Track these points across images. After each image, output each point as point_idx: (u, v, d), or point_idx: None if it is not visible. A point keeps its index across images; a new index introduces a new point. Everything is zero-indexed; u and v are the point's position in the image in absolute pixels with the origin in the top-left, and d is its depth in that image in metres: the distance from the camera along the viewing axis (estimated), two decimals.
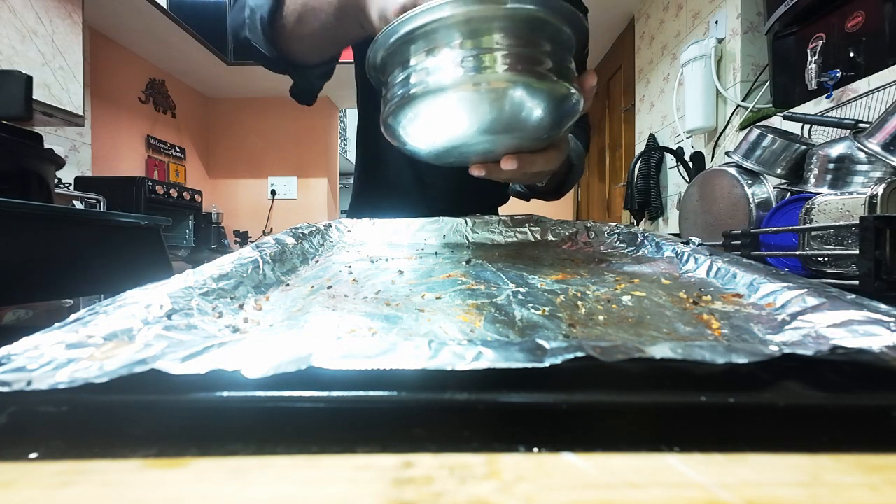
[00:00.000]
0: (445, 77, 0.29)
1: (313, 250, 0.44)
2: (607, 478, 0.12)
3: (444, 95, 0.29)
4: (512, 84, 0.29)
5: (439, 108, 0.30)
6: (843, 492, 0.12)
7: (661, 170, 2.04)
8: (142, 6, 2.13)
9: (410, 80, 0.31)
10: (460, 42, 0.29)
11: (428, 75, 0.30)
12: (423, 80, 0.30)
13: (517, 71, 0.29)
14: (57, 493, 0.12)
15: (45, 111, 1.59)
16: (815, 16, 1.15)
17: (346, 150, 4.33)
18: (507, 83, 0.29)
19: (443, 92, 0.29)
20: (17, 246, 0.61)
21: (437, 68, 0.29)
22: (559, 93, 0.30)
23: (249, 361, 0.14)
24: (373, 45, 0.32)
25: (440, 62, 0.29)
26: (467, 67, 0.29)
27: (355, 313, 0.26)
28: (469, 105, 0.30)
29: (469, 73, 0.29)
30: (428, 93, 0.30)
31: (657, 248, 0.41)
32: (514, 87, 0.29)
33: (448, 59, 0.29)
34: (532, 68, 0.29)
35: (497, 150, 0.34)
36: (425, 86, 0.30)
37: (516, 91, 0.29)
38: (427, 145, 0.34)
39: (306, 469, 0.13)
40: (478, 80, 0.29)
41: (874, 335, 0.17)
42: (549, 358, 0.14)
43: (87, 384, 0.14)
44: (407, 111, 0.31)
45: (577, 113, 0.33)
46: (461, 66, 0.29)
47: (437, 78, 0.29)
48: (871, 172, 0.65)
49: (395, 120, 0.33)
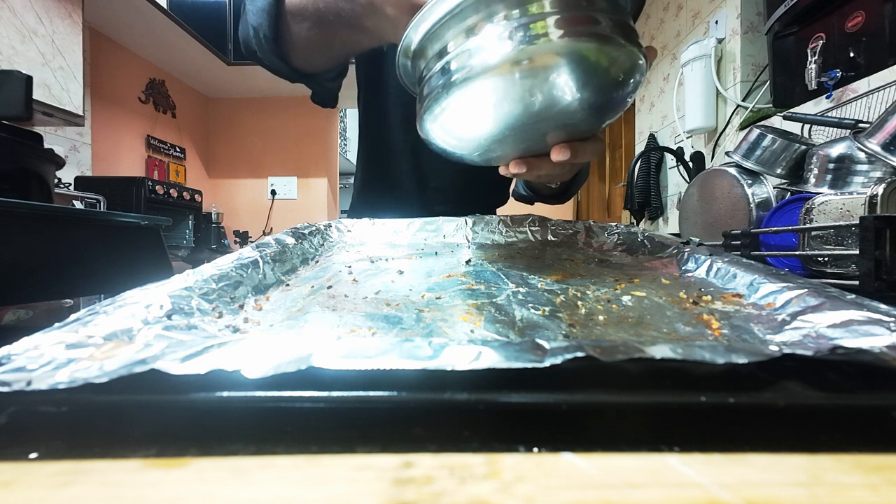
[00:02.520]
0: (492, 55, 0.24)
1: (313, 250, 0.44)
2: (607, 478, 0.12)
3: (493, 76, 0.25)
4: (572, 51, 0.24)
5: (487, 93, 0.26)
6: (843, 492, 0.12)
7: (661, 170, 2.04)
8: (142, 6, 2.13)
9: (451, 67, 0.26)
10: (504, 12, 0.25)
11: (471, 57, 0.25)
12: (466, 64, 0.25)
13: (576, 35, 0.24)
14: (57, 493, 0.12)
15: (45, 111, 1.59)
16: (815, 16, 1.15)
17: (346, 150, 4.33)
18: (567, 51, 0.24)
19: (491, 72, 0.25)
20: (17, 246, 0.61)
21: (480, 47, 0.25)
22: (627, 57, 0.26)
23: (249, 361, 0.14)
24: (402, 44, 0.28)
25: (484, 40, 0.25)
26: (517, 39, 0.24)
27: (355, 313, 0.26)
28: (524, 84, 0.25)
29: (520, 46, 0.24)
30: (472, 77, 0.25)
31: (657, 248, 0.41)
32: (574, 55, 0.24)
33: (493, 34, 0.25)
34: (594, 30, 0.24)
35: (547, 139, 0.31)
36: (468, 69, 0.25)
37: (578, 59, 0.24)
38: (471, 142, 0.30)
39: (306, 469, 0.13)
40: (530, 52, 0.24)
41: (874, 335, 0.17)
42: (549, 358, 0.14)
43: (87, 384, 0.14)
44: (449, 103, 0.27)
45: (641, 84, 0.29)
46: (509, 39, 0.24)
47: (481, 58, 0.25)
48: (871, 172, 0.65)
49: (435, 117, 0.28)
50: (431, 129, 0.30)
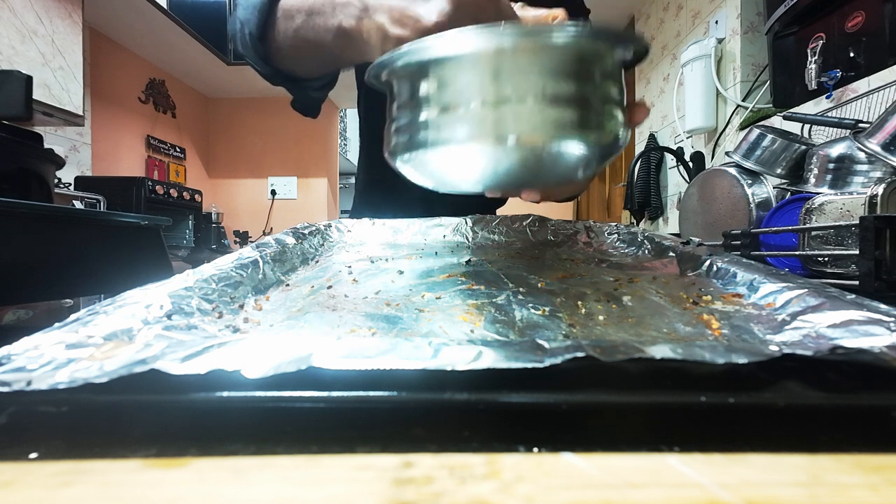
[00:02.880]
0: (466, 127, 0.24)
1: (313, 250, 0.44)
2: (607, 478, 0.12)
3: (464, 147, 0.25)
4: (549, 139, 0.25)
5: (456, 158, 0.26)
6: (843, 492, 0.12)
7: (661, 170, 2.04)
8: (142, 6, 2.13)
9: (424, 122, 0.26)
10: (486, 83, 0.24)
11: (444, 122, 0.25)
12: (439, 127, 0.25)
13: (557, 124, 0.24)
14: (57, 493, 0.12)
15: (45, 111, 1.59)
16: (815, 16, 1.15)
17: (346, 150, 4.33)
18: (544, 138, 0.24)
19: (462, 144, 0.25)
20: (17, 246, 0.61)
21: (455, 116, 0.25)
22: (604, 140, 0.26)
23: (249, 361, 0.14)
24: (376, 66, 0.27)
25: (459, 108, 0.25)
26: (497, 119, 0.24)
27: (355, 313, 0.26)
28: (494, 158, 0.25)
29: (500, 125, 0.24)
30: (443, 143, 0.25)
31: (657, 248, 0.41)
32: (550, 142, 0.25)
33: (470, 105, 0.24)
34: (575, 117, 0.24)
35: (521, 187, 0.31)
36: (440, 134, 0.25)
37: (553, 145, 0.25)
38: (437, 185, 0.31)
39: (306, 469, 0.13)
40: (509, 132, 0.24)
41: (874, 335, 0.17)
42: (548, 358, 0.14)
43: (87, 384, 0.14)
44: (418, 155, 0.27)
45: (621, 150, 0.29)
46: (489, 116, 0.24)
47: (454, 129, 0.25)
48: (871, 172, 0.65)
49: (408, 164, 0.28)
50: (401, 167, 0.30)
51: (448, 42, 0.24)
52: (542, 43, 0.24)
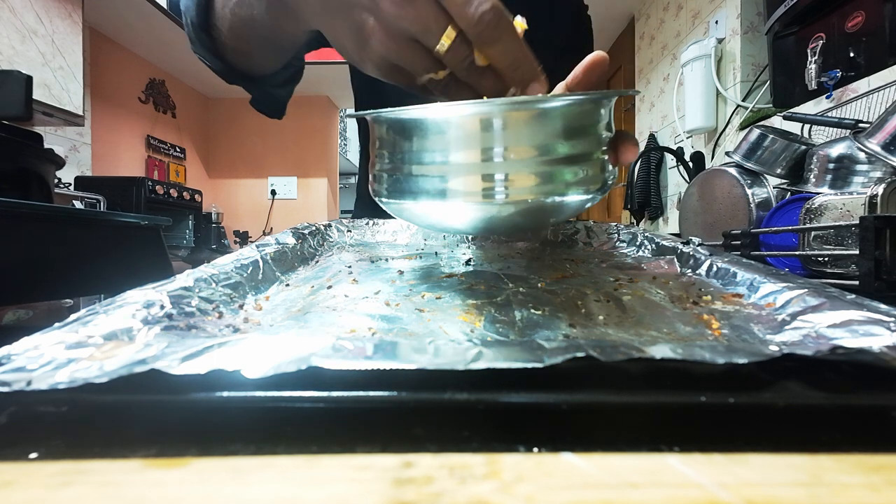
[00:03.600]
0: (455, 187, 0.25)
1: (313, 250, 0.44)
2: (607, 478, 0.12)
3: (449, 203, 0.25)
4: (536, 198, 0.25)
5: (442, 209, 0.26)
6: (843, 492, 0.12)
7: (661, 170, 2.04)
8: (142, 6, 2.13)
9: (413, 176, 0.26)
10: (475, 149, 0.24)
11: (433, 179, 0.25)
12: (428, 183, 0.25)
13: (544, 184, 0.25)
14: (57, 493, 0.12)
15: (45, 111, 1.59)
16: (815, 16, 1.15)
17: (346, 150, 4.33)
18: (531, 196, 0.25)
19: (447, 199, 0.25)
20: (17, 246, 0.61)
21: (446, 174, 0.25)
22: (593, 188, 0.26)
23: (249, 361, 0.14)
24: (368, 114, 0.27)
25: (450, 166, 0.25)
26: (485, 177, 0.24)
27: (355, 313, 0.26)
28: (481, 213, 0.26)
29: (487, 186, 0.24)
30: (431, 196, 0.26)
31: (657, 248, 0.41)
32: (537, 201, 0.25)
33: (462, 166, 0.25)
34: (563, 176, 0.25)
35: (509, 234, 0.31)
36: (429, 189, 0.25)
37: (539, 203, 0.25)
38: (424, 225, 0.31)
39: (306, 469, 0.13)
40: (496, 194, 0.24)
41: (874, 335, 0.17)
42: (548, 358, 0.14)
43: (87, 384, 0.14)
44: (404, 202, 0.27)
45: (609, 190, 0.29)
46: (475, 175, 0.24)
47: (441, 185, 0.25)
48: (871, 172, 0.65)
49: (398, 210, 0.29)
50: (388, 209, 0.30)
51: (439, 110, 0.24)
52: (529, 113, 0.24)
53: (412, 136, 0.26)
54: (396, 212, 0.29)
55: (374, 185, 0.30)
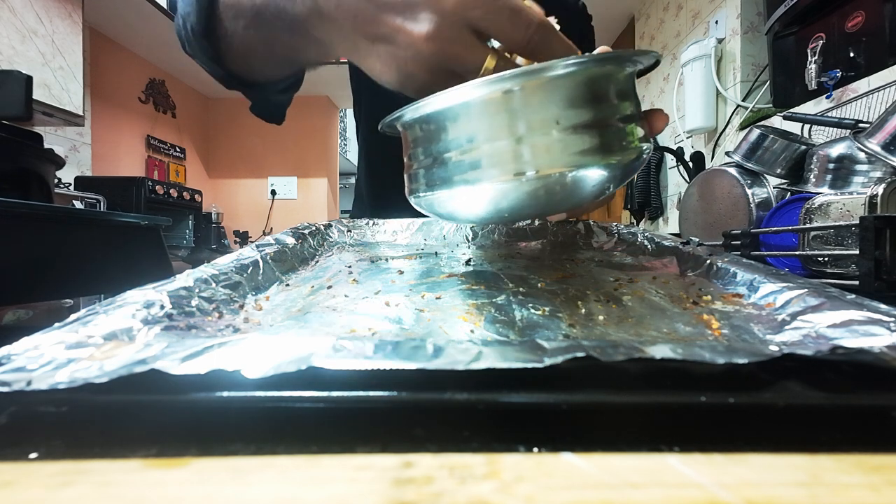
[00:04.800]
0: (488, 167, 0.25)
1: (313, 250, 0.44)
2: (607, 478, 0.12)
3: (487, 186, 0.25)
4: (572, 168, 0.25)
5: (481, 196, 0.26)
6: (843, 492, 0.12)
7: (661, 170, 2.04)
8: (142, 6, 2.13)
9: (449, 168, 0.26)
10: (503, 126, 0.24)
11: (465, 163, 0.25)
12: (461, 168, 0.25)
13: (580, 152, 0.24)
14: (57, 493, 0.12)
15: (45, 111, 1.59)
16: (815, 16, 1.15)
17: (346, 150, 4.33)
18: (566, 168, 0.24)
19: (485, 182, 0.25)
20: (17, 246, 0.61)
21: (477, 155, 0.25)
22: (627, 158, 0.26)
23: (249, 361, 0.14)
24: (393, 117, 0.28)
25: (489, 149, 0.25)
26: (517, 155, 0.24)
27: (355, 313, 0.26)
28: (520, 192, 0.26)
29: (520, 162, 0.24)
30: (467, 182, 0.25)
31: (657, 248, 0.41)
32: (574, 171, 0.25)
33: (492, 144, 0.25)
34: (595, 143, 0.25)
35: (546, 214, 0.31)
36: (464, 174, 0.25)
37: (578, 173, 0.25)
38: (462, 219, 0.31)
39: (306, 469, 0.13)
40: (529, 168, 0.24)
41: (874, 335, 0.17)
42: (548, 358, 0.14)
43: (87, 384, 0.14)
44: (448, 199, 0.27)
45: (646, 161, 0.29)
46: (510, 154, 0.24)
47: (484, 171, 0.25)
48: (871, 172, 0.65)
49: (431, 205, 0.29)
50: (422, 208, 0.30)
51: (460, 94, 0.24)
52: (551, 78, 0.24)
53: (438, 125, 0.26)
54: (433, 204, 0.29)
55: (410, 185, 0.30)
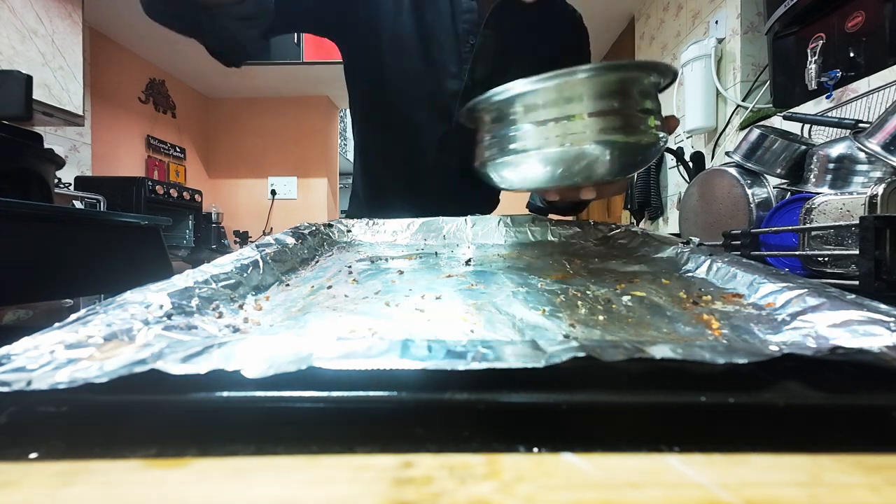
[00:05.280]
0: (542, 140, 0.35)
1: (313, 250, 0.44)
2: (607, 478, 0.12)
3: (542, 154, 0.35)
4: (608, 144, 0.34)
5: (537, 163, 0.36)
6: (843, 492, 0.12)
7: (661, 170, 2.04)
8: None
9: (510, 140, 0.36)
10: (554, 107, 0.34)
11: (527, 138, 0.35)
12: (523, 142, 0.36)
13: (612, 131, 0.34)
14: (57, 493, 0.12)
15: (45, 111, 1.59)
16: (815, 16, 1.15)
17: (346, 150, 4.33)
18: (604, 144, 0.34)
19: (540, 151, 0.35)
20: (17, 246, 0.61)
21: (534, 132, 0.35)
22: (646, 141, 0.36)
23: (249, 361, 0.14)
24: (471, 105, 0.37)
25: (536, 127, 0.35)
26: (565, 132, 0.34)
27: (355, 313, 0.26)
28: (568, 161, 0.35)
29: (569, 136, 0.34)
30: (526, 151, 0.35)
31: (657, 248, 0.41)
32: (609, 146, 0.34)
33: (544, 124, 0.35)
34: (622, 127, 0.34)
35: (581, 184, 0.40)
36: (524, 147, 0.35)
37: (609, 149, 0.35)
38: (518, 186, 0.40)
39: (306, 469, 0.13)
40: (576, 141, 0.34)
41: (874, 335, 0.17)
42: (548, 358, 0.14)
43: (87, 384, 0.14)
44: (507, 164, 0.37)
45: (661, 151, 0.39)
46: (559, 130, 0.34)
47: (533, 141, 0.35)
48: (871, 172, 0.65)
49: (494, 169, 0.38)
50: (488, 173, 0.40)
51: (530, 83, 0.34)
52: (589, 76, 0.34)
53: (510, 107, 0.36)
54: (502, 166, 0.38)
55: (483, 154, 0.39)
